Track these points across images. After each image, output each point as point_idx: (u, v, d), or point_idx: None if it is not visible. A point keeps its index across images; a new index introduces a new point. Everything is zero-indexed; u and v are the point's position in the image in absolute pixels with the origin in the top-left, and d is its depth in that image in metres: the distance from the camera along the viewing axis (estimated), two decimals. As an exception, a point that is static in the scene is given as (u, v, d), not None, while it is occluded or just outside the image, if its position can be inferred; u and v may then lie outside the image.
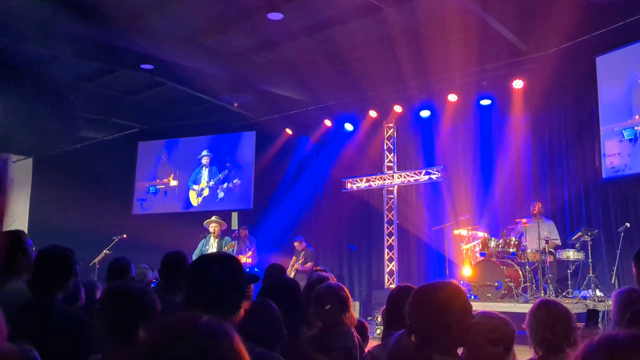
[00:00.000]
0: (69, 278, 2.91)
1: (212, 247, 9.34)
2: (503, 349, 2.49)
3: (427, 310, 2.16)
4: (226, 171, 13.68)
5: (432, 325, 2.13)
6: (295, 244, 11.27)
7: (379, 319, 8.73)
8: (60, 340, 2.50)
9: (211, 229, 9.66)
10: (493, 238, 8.88)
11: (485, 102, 10.18)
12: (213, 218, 9.71)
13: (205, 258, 2.32)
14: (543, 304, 2.79)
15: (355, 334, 3.37)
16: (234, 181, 13.46)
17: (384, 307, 3.95)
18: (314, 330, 3.38)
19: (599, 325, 7.33)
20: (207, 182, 13.85)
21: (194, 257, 9.65)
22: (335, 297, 3.31)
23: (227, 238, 9.50)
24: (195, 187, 14.00)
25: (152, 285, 4.50)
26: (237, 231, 11.37)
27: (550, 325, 2.68)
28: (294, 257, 11.18)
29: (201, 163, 14.03)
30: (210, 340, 1.15)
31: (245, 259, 10.23)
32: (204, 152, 14.00)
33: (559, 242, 8.98)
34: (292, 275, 10.15)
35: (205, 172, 13.97)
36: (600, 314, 7.72)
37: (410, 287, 3.03)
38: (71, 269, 2.92)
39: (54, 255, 2.91)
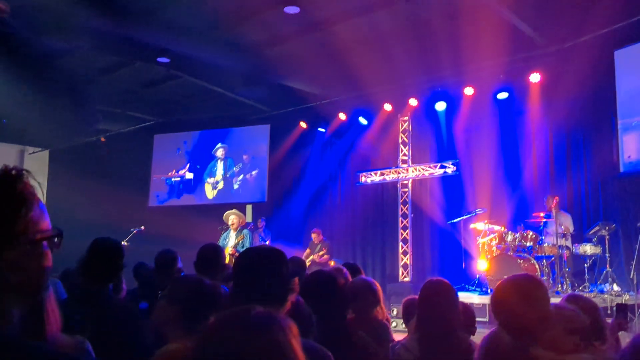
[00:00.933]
0: (121, 269, 3.01)
1: (231, 239, 9.38)
2: (579, 338, 2.52)
3: (525, 302, 2.16)
4: (241, 164, 13.73)
5: (532, 317, 2.14)
6: (313, 235, 11.29)
7: (395, 312, 8.76)
8: (115, 330, 2.56)
9: (230, 222, 9.69)
10: (510, 232, 8.87)
11: (502, 95, 10.13)
12: (233, 211, 9.74)
13: (252, 251, 2.30)
14: (572, 298, 2.80)
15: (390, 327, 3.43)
16: (252, 173, 13.49)
17: (406, 299, 3.99)
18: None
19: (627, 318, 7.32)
20: (222, 175, 13.91)
21: None
22: (369, 290, 3.36)
23: (245, 231, 9.53)
24: (210, 180, 14.06)
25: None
26: (252, 224, 11.43)
27: None
28: (308, 249, 11.21)
29: (216, 156, 14.09)
30: (262, 332, 1.17)
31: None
32: (219, 145, 14.05)
33: (572, 229, 8.92)
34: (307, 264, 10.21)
35: (220, 165, 14.03)
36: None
37: (444, 280, 3.06)
38: (122, 261, 3.01)
39: (108, 246, 2.99)
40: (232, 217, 9.53)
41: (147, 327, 2.61)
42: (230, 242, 9.16)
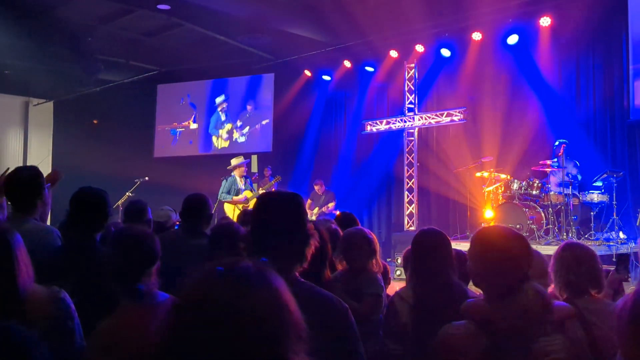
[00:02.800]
0: (107, 219, 2.93)
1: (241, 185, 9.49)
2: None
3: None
4: (248, 114, 13.61)
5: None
6: (316, 187, 11.30)
7: (399, 261, 8.79)
8: (99, 280, 2.51)
9: (238, 173, 9.70)
10: (516, 180, 8.79)
11: (512, 40, 9.83)
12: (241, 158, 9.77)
13: (267, 199, 2.10)
14: (567, 247, 2.75)
15: (381, 278, 3.38)
16: (258, 123, 13.39)
17: (408, 248, 3.94)
18: (335, 273, 3.38)
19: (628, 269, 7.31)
20: (227, 125, 13.81)
21: (220, 197, 9.74)
22: (365, 241, 3.29)
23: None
24: (215, 130, 13.99)
25: (175, 227, 4.53)
26: (256, 174, 11.40)
27: (575, 267, 2.64)
28: (309, 201, 11.18)
29: (218, 107, 13.97)
30: (247, 288, 1.07)
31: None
32: (220, 99, 13.91)
33: (579, 176, 8.81)
34: (313, 219, 10.20)
35: (223, 116, 13.91)
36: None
37: (436, 230, 3.01)
38: (108, 210, 2.92)
39: (90, 196, 2.90)
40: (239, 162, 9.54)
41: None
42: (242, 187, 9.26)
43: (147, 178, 10.00)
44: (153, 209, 4.56)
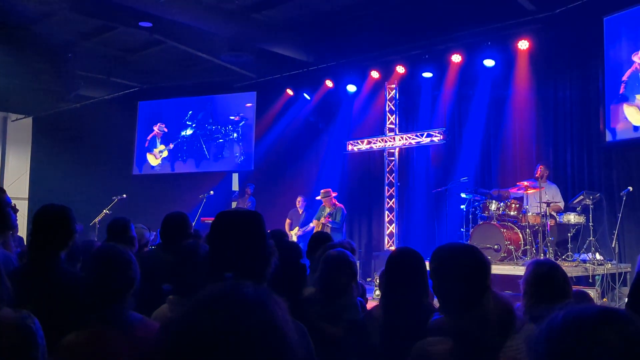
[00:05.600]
0: (70, 236, 2.83)
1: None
2: None
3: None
4: (229, 132, 13.58)
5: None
6: (297, 204, 11.14)
7: (378, 281, 8.76)
8: (64, 301, 2.45)
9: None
10: (494, 201, 8.84)
11: (489, 62, 9.98)
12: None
13: (226, 218, 2.05)
14: (534, 264, 2.80)
15: (362, 301, 3.34)
16: (239, 141, 13.37)
17: (383, 269, 3.92)
18: (314, 292, 3.32)
19: (597, 288, 7.35)
20: (206, 144, 13.76)
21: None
22: (347, 264, 3.25)
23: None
24: (194, 149, 13.93)
25: (149, 245, 4.48)
26: (237, 192, 11.34)
27: (540, 281, 2.68)
28: (288, 220, 11.04)
29: (196, 126, 13.94)
30: (260, 309, 1.03)
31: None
32: (188, 129, 13.95)
33: (562, 204, 8.92)
34: (294, 239, 10.09)
35: (201, 134, 13.88)
36: (600, 277, 7.76)
37: (410, 250, 3.00)
38: (71, 227, 2.84)
39: (52, 213, 2.82)
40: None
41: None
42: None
43: (124, 195, 9.90)
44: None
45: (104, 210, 9.46)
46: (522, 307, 2.66)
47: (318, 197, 9.98)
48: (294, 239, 10.28)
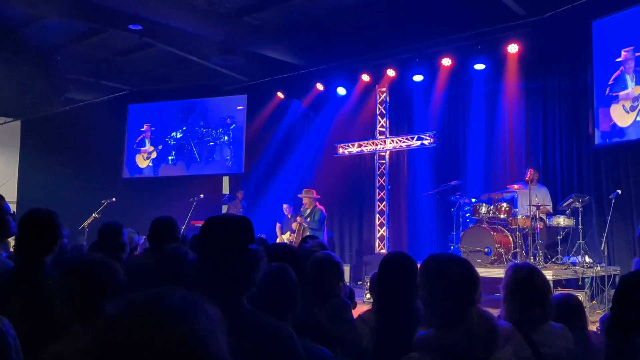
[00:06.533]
0: (56, 241, 2.81)
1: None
2: None
3: None
4: (219, 135, 13.54)
5: None
6: (284, 210, 11.12)
7: (369, 284, 8.76)
8: (48, 306, 2.42)
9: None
10: (484, 204, 8.87)
11: (479, 66, 10.03)
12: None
13: (214, 223, 2.01)
14: (514, 269, 2.79)
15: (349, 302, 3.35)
16: (229, 144, 13.33)
17: (374, 272, 3.92)
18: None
19: (586, 291, 7.39)
20: (197, 147, 13.72)
21: None
22: (334, 266, 3.27)
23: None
24: (185, 151, 13.88)
25: (138, 249, 4.45)
26: (227, 195, 11.31)
27: (522, 289, 2.68)
28: (278, 224, 11.01)
29: (187, 128, 13.89)
30: (185, 319, 0.98)
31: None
32: (178, 132, 13.90)
33: (551, 207, 8.98)
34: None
35: (192, 137, 13.83)
36: (589, 280, 7.80)
37: (403, 254, 3.00)
38: (57, 232, 2.81)
39: (37, 218, 2.80)
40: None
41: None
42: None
43: (114, 199, 9.84)
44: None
45: (94, 214, 9.38)
46: (503, 312, 2.66)
47: (300, 195, 9.93)
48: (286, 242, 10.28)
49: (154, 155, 13.93)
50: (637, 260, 3.46)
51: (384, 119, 11.54)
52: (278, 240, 10.13)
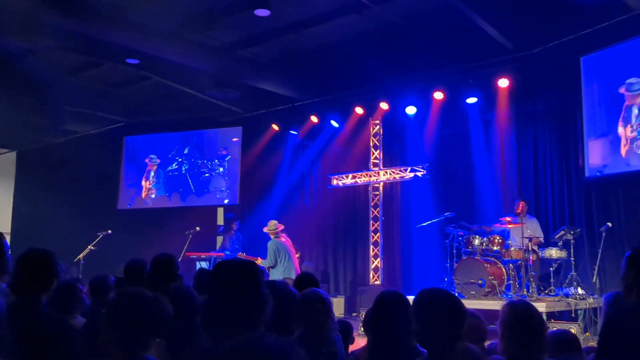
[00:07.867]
0: (52, 280, 2.88)
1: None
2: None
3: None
4: (214, 166, 13.62)
5: None
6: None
7: (364, 316, 8.75)
8: (45, 345, 2.46)
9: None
10: (477, 236, 8.93)
11: (471, 100, 10.20)
12: None
13: (222, 268, 2.14)
14: (509, 306, 2.85)
15: (339, 337, 3.38)
16: (224, 175, 13.40)
17: (369, 308, 3.96)
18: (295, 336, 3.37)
19: (580, 323, 7.42)
20: (192, 178, 13.78)
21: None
22: (322, 302, 3.32)
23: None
24: (180, 183, 13.95)
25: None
26: (222, 227, 11.34)
27: (517, 327, 2.73)
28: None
29: (182, 160, 13.97)
30: None
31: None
32: (174, 164, 13.97)
33: (542, 239, 9.06)
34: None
35: (186, 168, 13.90)
36: (582, 312, 7.83)
37: (397, 293, 3.05)
38: (53, 271, 2.89)
39: (34, 258, 2.86)
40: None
41: (80, 344, 2.53)
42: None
43: (109, 231, 9.84)
44: (116, 264, 4.46)
45: (89, 247, 9.36)
46: (500, 349, 2.71)
47: (265, 229, 9.13)
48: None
49: (153, 190, 13.99)
50: (607, 297, 3.52)
51: (378, 150, 11.66)
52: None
